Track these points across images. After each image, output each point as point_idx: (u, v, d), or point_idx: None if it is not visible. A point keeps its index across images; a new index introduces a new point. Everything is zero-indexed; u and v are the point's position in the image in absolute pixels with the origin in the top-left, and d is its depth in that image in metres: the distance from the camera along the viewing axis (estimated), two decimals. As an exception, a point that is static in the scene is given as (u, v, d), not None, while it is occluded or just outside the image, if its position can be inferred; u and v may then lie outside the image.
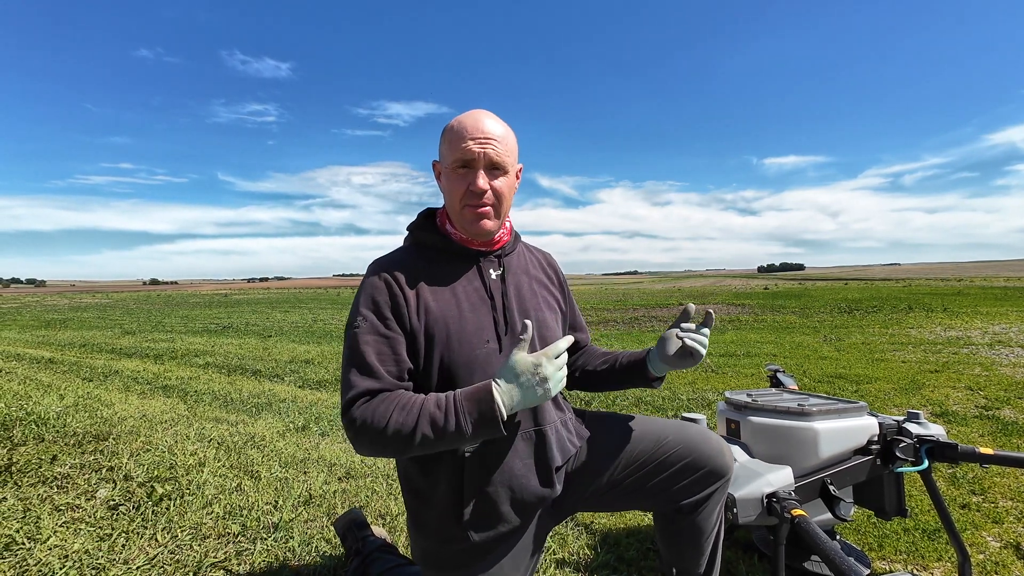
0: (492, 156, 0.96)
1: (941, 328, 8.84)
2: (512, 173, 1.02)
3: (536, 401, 0.89)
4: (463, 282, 1.01)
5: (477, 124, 0.97)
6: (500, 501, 0.97)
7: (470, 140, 0.96)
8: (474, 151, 0.95)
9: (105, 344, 8.84)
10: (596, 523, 1.90)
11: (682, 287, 46.79)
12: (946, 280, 43.57)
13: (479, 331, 0.97)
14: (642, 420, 1.17)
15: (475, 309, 0.99)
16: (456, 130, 0.97)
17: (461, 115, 1.00)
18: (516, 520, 1.00)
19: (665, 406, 3.89)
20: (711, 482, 1.08)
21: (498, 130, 0.98)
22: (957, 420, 3.29)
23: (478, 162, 0.96)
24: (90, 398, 4.18)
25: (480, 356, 0.96)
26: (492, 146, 0.97)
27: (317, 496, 2.14)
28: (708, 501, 1.08)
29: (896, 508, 1.47)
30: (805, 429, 1.38)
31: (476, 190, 0.96)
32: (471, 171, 0.97)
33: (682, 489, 1.07)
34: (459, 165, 0.97)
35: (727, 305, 18.40)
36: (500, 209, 1.01)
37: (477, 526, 0.97)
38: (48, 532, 1.74)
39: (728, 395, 1.59)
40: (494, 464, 0.97)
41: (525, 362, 0.89)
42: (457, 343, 0.95)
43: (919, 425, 1.47)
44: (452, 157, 0.97)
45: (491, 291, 1.02)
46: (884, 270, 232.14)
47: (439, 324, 0.95)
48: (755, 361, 6.07)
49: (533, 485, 1.00)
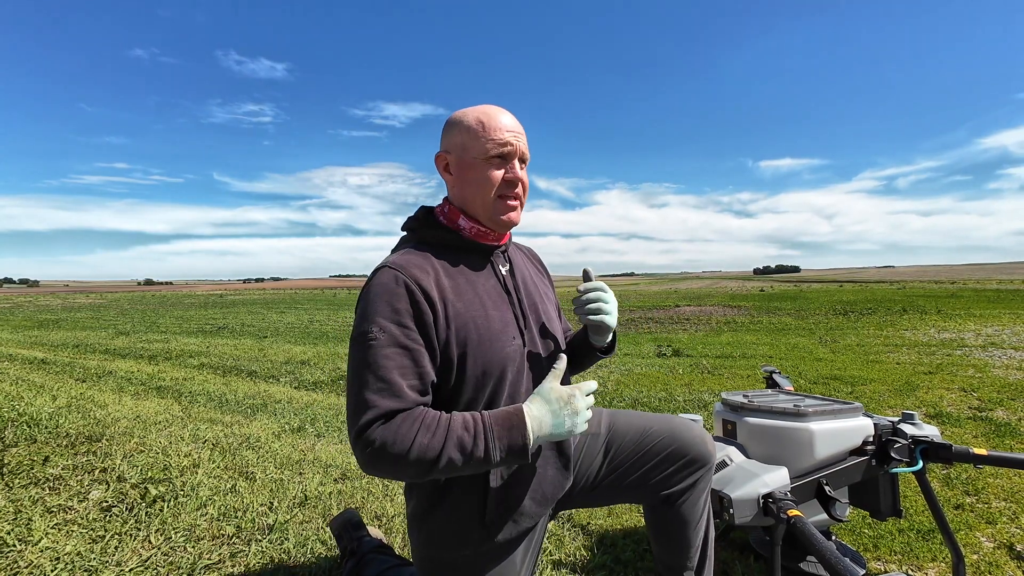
0: (523, 149, 0.99)
1: (935, 330, 8.91)
2: None
3: (564, 434, 0.87)
4: (481, 279, 0.99)
5: (507, 118, 0.99)
6: (524, 498, 0.96)
7: (508, 132, 0.97)
8: (512, 142, 0.97)
9: (99, 345, 8.77)
10: (593, 524, 1.90)
11: (679, 289, 46.91)
12: (940, 282, 43.89)
13: (505, 328, 0.96)
14: (626, 413, 1.19)
15: (497, 306, 0.97)
16: (487, 123, 0.97)
17: (479, 109, 0.99)
18: (539, 514, 1.00)
19: (662, 407, 3.90)
20: (694, 470, 1.09)
21: (521, 127, 1.01)
22: (951, 421, 3.31)
23: (515, 154, 0.98)
24: (83, 399, 4.14)
25: (510, 354, 0.95)
26: (523, 140, 1.00)
27: (312, 497, 2.12)
28: (692, 490, 1.10)
29: (891, 509, 1.48)
30: (801, 430, 1.38)
31: (514, 180, 0.97)
32: (506, 162, 0.98)
33: (666, 478, 1.09)
34: (496, 155, 0.96)
35: (723, 307, 18.47)
36: (524, 201, 1.03)
37: (500, 526, 0.95)
38: (40, 534, 1.72)
39: (724, 396, 1.60)
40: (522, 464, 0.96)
41: (559, 392, 0.88)
42: (489, 343, 0.92)
43: (914, 426, 1.47)
44: (488, 149, 0.96)
45: (507, 286, 1.02)
46: (879, 272, 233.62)
47: (468, 327, 0.91)
48: (751, 362, 6.09)
49: (556, 477, 1.01)
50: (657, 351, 7.34)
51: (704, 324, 12.23)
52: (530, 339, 1.00)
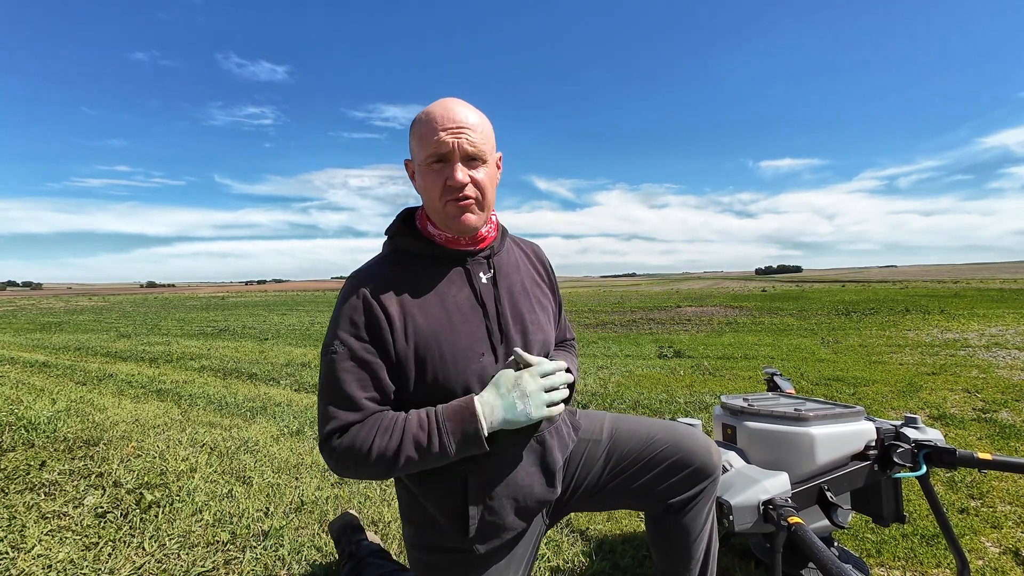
0: (467, 147, 0.87)
1: (938, 330, 8.86)
2: (492, 162, 0.94)
3: (520, 418, 0.85)
4: (452, 290, 0.94)
5: (447, 113, 0.87)
6: (505, 510, 0.95)
7: (442, 131, 0.86)
8: (448, 142, 0.86)
9: (100, 347, 8.78)
10: (591, 530, 1.88)
11: (680, 289, 46.84)
12: (942, 282, 43.74)
13: (473, 344, 0.91)
14: (632, 419, 1.16)
15: (467, 320, 0.92)
16: (425, 122, 0.88)
17: (429, 105, 0.90)
18: (521, 526, 0.98)
19: (662, 409, 3.87)
20: (698, 480, 1.06)
21: (471, 117, 0.89)
22: (955, 423, 3.28)
23: (454, 154, 0.87)
24: (83, 402, 4.13)
25: (476, 371, 0.91)
26: (467, 135, 0.87)
27: (309, 502, 2.11)
28: (696, 500, 1.07)
29: (894, 514, 1.45)
30: (802, 435, 1.36)
31: (455, 184, 0.87)
32: (447, 164, 0.88)
33: (670, 487, 1.06)
34: (433, 160, 0.88)
35: (725, 307, 18.42)
36: (484, 202, 0.92)
37: (482, 537, 0.94)
38: (33, 541, 1.70)
39: (724, 399, 1.57)
40: (498, 475, 0.94)
41: (507, 375, 0.87)
42: (451, 359, 0.89)
43: (917, 430, 1.45)
44: (425, 152, 0.88)
45: (482, 298, 0.95)
46: (881, 272, 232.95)
47: (430, 341, 0.88)
48: (753, 363, 6.06)
49: (538, 490, 0.98)
50: (658, 352, 7.31)
51: (705, 325, 12.20)
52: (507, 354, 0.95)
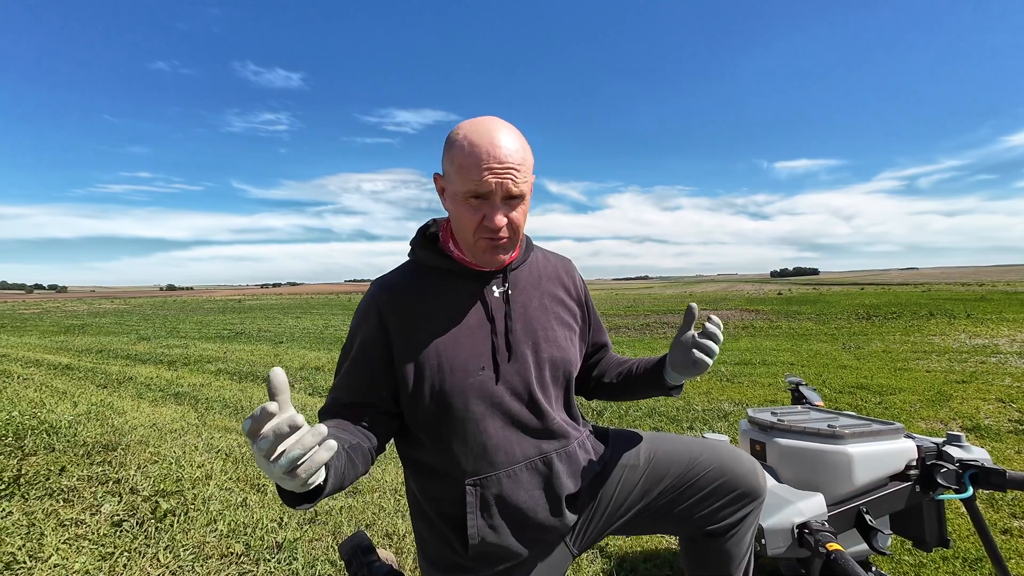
0: (511, 188, 0.83)
1: (966, 336, 8.57)
2: (528, 195, 0.90)
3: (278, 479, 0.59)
4: (463, 305, 0.93)
5: (493, 149, 0.82)
6: (504, 535, 0.91)
7: (486, 171, 0.81)
8: (491, 183, 0.81)
9: (121, 350, 8.96)
10: (611, 546, 1.82)
11: (694, 292, 46.30)
12: (967, 285, 42.46)
13: (474, 358, 0.90)
14: (671, 439, 1.10)
15: (473, 334, 0.91)
16: (469, 153, 0.82)
17: (470, 127, 0.85)
18: (523, 553, 0.94)
19: (680, 417, 3.78)
20: (743, 504, 1.01)
21: (516, 155, 0.84)
22: (990, 435, 3.14)
23: (495, 196, 0.83)
24: (103, 406, 4.20)
25: (473, 384, 0.89)
26: (511, 176, 0.82)
27: (323, 514, 2.08)
28: (740, 525, 1.02)
29: (937, 538, 1.37)
30: (838, 453, 1.28)
31: (493, 227, 0.84)
32: (486, 202, 0.84)
33: (712, 512, 1.01)
34: (472, 195, 0.84)
35: (740, 311, 18.10)
36: (516, 239, 0.90)
37: (482, 560, 0.92)
38: (51, 550, 1.70)
39: (751, 413, 1.51)
40: (496, 497, 0.91)
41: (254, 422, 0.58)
42: (449, 372, 0.88)
43: (961, 448, 1.37)
44: (464, 187, 0.83)
45: (492, 313, 0.93)
46: (902, 274, 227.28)
47: (430, 353, 0.89)
48: (772, 370, 5.91)
49: (541, 517, 0.94)
50: (674, 357, 7.18)
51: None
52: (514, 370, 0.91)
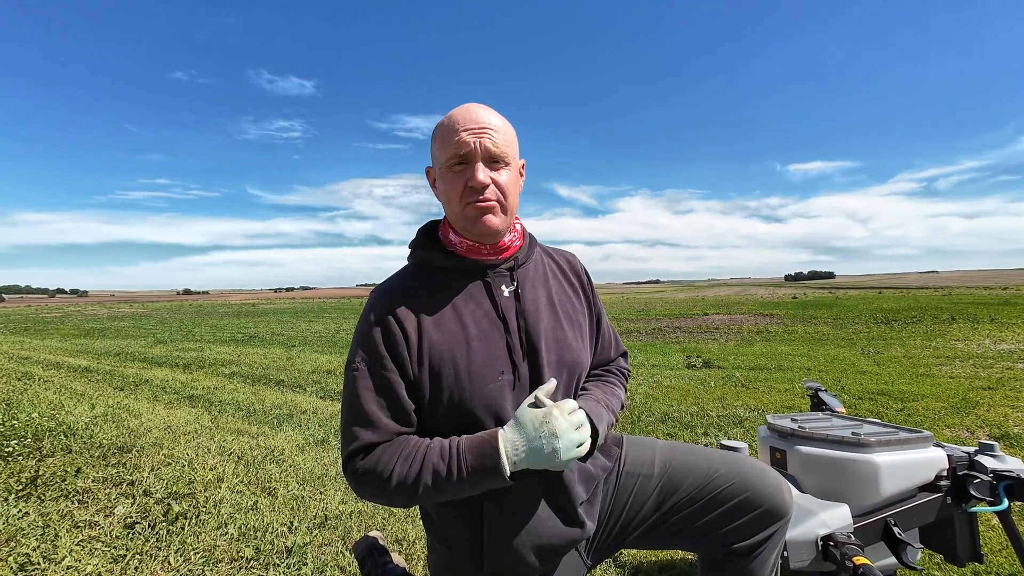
0: (490, 147, 0.85)
1: (990, 340, 8.32)
2: (515, 167, 0.91)
3: (546, 460, 0.79)
4: (471, 305, 0.90)
5: (469, 115, 0.86)
6: (522, 549, 0.89)
7: (463, 131, 0.85)
8: (469, 142, 0.85)
9: (138, 353, 9.12)
10: (624, 556, 1.77)
11: (706, 296, 45.82)
12: (989, 288, 41.31)
13: (491, 362, 0.86)
14: (688, 450, 1.05)
15: (485, 336, 0.88)
16: (447, 125, 0.87)
17: (452, 111, 0.89)
18: (540, 567, 0.91)
19: (694, 423, 3.71)
20: (768, 523, 0.96)
21: (494, 119, 0.88)
22: (1020, 444, 3.02)
23: (475, 154, 0.85)
24: (119, 408, 4.26)
25: (494, 391, 0.86)
26: (489, 135, 0.86)
27: (333, 518, 2.07)
28: (764, 545, 0.96)
29: (970, 552, 1.31)
30: (864, 462, 1.23)
31: (475, 184, 0.84)
32: (468, 166, 0.86)
33: (735, 530, 0.95)
34: (455, 161, 0.86)
35: (754, 315, 17.84)
36: (506, 206, 0.89)
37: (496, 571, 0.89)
38: (64, 552, 1.71)
39: (771, 420, 1.46)
40: (513, 509, 0.89)
41: (533, 412, 0.80)
42: (467, 379, 0.85)
43: (995, 458, 1.30)
44: (446, 154, 0.86)
45: (503, 312, 0.90)
46: (921, 278, 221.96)
47: (445, 360, 0.85)
48: (788, 375, 5.79)
49: (558, 528, 0.91)
50: (686, 362, 7.08)
51: (735, 333, 11.80)
52: (531, 373, 0.89)
